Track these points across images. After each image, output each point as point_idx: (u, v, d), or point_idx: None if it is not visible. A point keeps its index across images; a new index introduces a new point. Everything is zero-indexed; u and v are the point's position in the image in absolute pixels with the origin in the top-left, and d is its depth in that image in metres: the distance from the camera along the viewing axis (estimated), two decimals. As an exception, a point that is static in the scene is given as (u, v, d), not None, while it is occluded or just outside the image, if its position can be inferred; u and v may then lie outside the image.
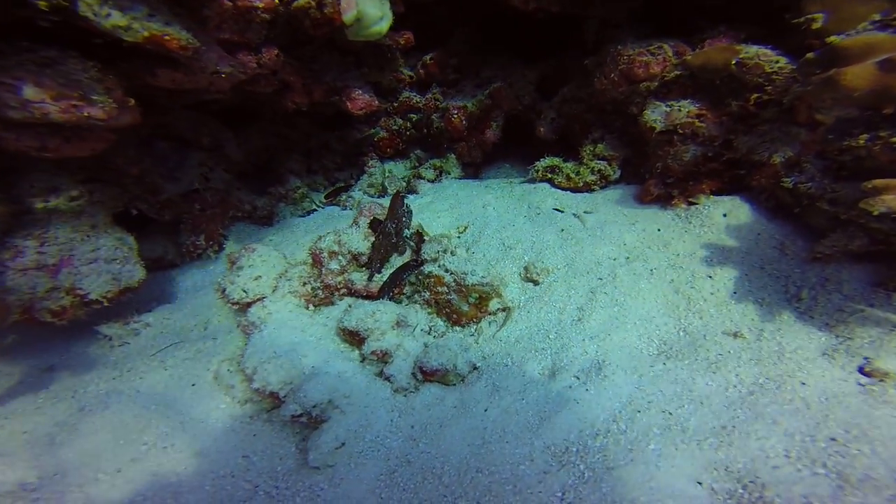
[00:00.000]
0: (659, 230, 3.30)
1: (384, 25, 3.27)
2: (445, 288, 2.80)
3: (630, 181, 3.85)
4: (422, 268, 2.84)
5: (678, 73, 3.35)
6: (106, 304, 2.98)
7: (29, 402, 2.67)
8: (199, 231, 3.91)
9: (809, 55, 2.70)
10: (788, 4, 3.03)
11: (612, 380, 2.47)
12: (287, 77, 3.43)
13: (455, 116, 4.00)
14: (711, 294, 2.86)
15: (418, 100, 4.19)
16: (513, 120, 4.15)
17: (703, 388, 2.37)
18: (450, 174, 4.31)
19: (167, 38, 2.26)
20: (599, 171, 3.75)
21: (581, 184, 3.78)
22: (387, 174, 4.28)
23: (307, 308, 2.92)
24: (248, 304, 2.90)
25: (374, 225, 3.03)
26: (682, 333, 2.69)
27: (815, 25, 2.95)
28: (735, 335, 2.60)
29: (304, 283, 2.94)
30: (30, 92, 2.35)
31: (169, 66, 2.64)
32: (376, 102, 3.71)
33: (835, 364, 2.31)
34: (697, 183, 3.40)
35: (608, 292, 2.95)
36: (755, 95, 3.12)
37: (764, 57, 3.08)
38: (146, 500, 2.11)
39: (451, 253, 2.84)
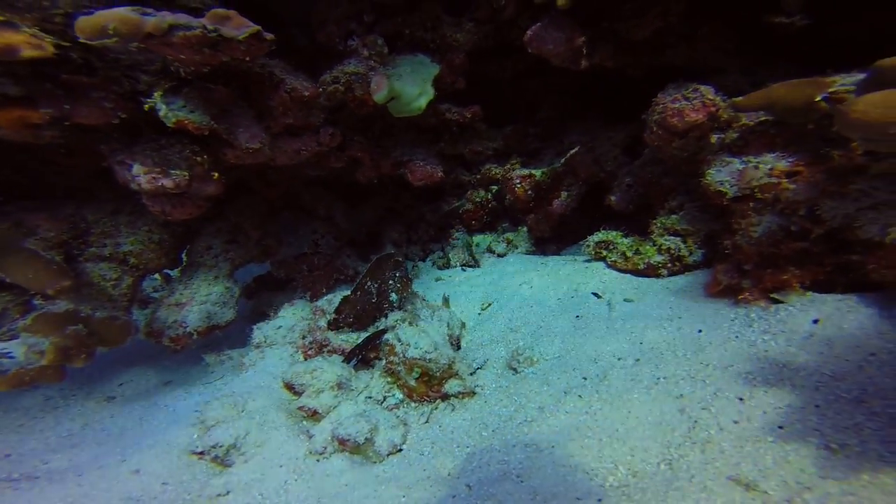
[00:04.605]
0: (700, 331, 2.43)
1: (423, 102, 3.39)
2: (396, 358, 2.62)
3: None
4: (385, 335, 2.73)
5: (763, 118, 2.53)
6: (196, 336, 3.66)
7: (121, 407, 3.31)
8: (307, 289, 4.52)
9: (862, 78, 1.78)
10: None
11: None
12: (355, 153, 3.83)
13: (518, 186, 3.72)
14: (734, 422, 1.97)
15: (497, 171, 4.07)
16: (597, 189, 3.62)
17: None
18: (517, 248, 3.97)
19: (186, 121, 2.89)
20: (669, 250, 2.94)
21: (643, 265, 3.02)
22: (472, 246, 4.21)
23: (301, 359, 3.09)
24: (259, 348, 3.24)
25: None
26: (662, 466, 1.91)
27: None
28: (747, 486, 1.72)
29: (304, 336, 3.14)
30: (135, 168, 3.24)
31: (227, 146, 3.31)
32: (439, 174, 3.77)
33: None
34: (778, 271, 2.40)
35: (584, 396, 2.30)
36: (860, 142, 2.14)
37: (872, 88, 2.13)
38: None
39: (410, 323, 2.65)
